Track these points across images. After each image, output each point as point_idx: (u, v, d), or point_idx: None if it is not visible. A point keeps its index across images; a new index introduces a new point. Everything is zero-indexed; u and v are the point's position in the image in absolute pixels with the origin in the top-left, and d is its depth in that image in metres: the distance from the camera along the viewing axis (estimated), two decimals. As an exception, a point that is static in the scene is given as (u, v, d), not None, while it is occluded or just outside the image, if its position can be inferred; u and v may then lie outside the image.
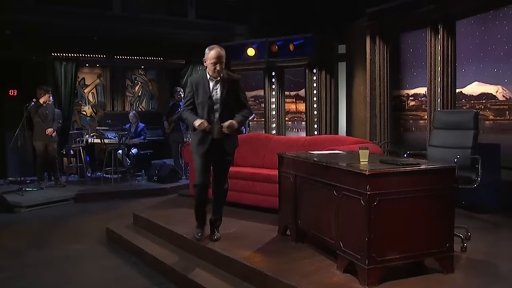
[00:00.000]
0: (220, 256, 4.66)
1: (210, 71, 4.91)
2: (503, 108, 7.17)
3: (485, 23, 7.40)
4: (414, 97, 9.03)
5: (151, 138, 11.79)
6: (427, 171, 3.78)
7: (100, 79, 12.94)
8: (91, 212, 8.12)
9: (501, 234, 5.31)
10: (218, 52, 4.89)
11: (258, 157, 7.05)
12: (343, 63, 11.33)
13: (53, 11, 11.01)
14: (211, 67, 4.88)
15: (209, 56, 4.88)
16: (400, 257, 3.68)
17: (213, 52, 4.88)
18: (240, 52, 12.34)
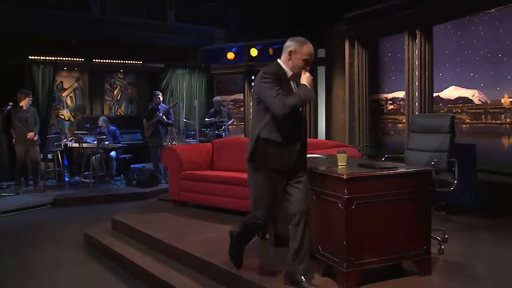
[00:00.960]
0: (199, 260, 4.64)
1: (296, 67, 3.91)
2: (479, 112, 7.28)
3: (462, 28, 7.51)
4: (392, 101, 9.12)
5: (130, 142, 11.71)
6: (404, 175, 3.81)
7: (79, 82, 12.82)
8: (69, 217, 8.03)
9: (477, 236, 5.39)
10: (312, 49, 3.97)
11: (238, 161, 7.01)
12: (322, 67, 11.40)
13: (31, 14, 10.88)
14: (300, 63, 3.89)
15: (302, 50, 3.89)
16: (378, 260, 3.70)
17: (308, 47, 3.92)
18: (220, 56, 12.38)
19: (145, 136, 10.89)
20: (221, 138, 9.73)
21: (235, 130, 12.41)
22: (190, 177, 6.88)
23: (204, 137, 10.66)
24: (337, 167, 3.97)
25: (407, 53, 8.25)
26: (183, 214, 6.63)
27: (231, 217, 6.14)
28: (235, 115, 12.26)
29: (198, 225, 5.97)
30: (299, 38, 4.00)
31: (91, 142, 10.35)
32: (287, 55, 3.94)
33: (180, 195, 7.03)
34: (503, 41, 6.78)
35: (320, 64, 11.49)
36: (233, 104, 12.74)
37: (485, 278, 4.00)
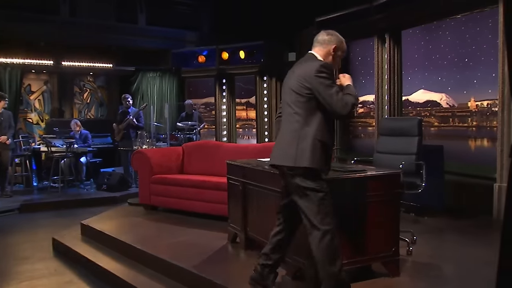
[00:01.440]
0: (170, 265, 4.61)
1: (336, 64, 3.73)
2: (446, 115, 7.41)
3: (429, 33, 7.64)
4: (362, 104, 9.21)
5: (100, 146, 11.57)
6: (372, 177, 3.86)
7: (47, 85, 12.62)
8: (36, 223, 7.88)
9: (445, 237, 5.47)
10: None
11: (208, 165, 7.03)
12: (293, 70, 11.43)
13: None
14: (339, 60, 3.76)
15: (343, 47, 3.76)
16: (347, 262, 3.72)
17: (345, 45, 3.80)
18: (191, 59, 12.35)
19: (115, 140, 10.79)
20: (192, 141, 9.70)
21: (206, 134, 12.38)
22: (161, 181, 6.84)
23: (175, 141, 10.60)
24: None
25: (376, 57, 8.35)
26: (154, 219, 6.58)
27: (201, 221, 6.14)
28: (206, 119, 12.23)
29: (168, 229, 5.93)
30: (337, 34, 3.76)
31: (60, 146, 10.20)
32: (330, 50, 3.65)
33: (151, 199, 6.98)
34: (469, 46, 6.92)
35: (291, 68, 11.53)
36: (205, 107, 12.72)
37: (453, 279, 4.07)
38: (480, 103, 6.86)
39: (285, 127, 3.52)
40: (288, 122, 3.50)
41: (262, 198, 4.39)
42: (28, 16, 11.13)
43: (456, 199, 6.60)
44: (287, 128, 3.49)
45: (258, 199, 4.49)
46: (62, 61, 11.99)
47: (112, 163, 11.48)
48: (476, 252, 4.76)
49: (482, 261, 4.35)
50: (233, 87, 12.22)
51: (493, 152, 6.29)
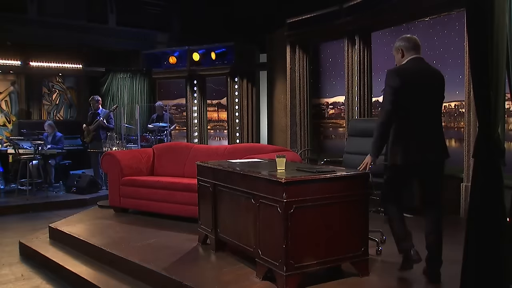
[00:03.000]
0: (140, 267, 4.57)
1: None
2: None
3: (399, 35, 7.65)
4: (333, 105, 9.28)
5: (70, 148, 11.41)
6: (341, 178, 3.88)
7: (14, 86, 12.39)
8: (3, 227, 7.72)
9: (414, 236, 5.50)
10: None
11: (178, 166, 6.99)
12: (264, 71, 11.50)
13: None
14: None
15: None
16: (317, 263, 3.74)
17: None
18: (162, 60, 12.30)
19: (85, 142, 10.66)
20: (163, 143, 9.64)
21: (178, 135, 12.32)
22: (131, 183, 6.78)
23: (146, 142, 10.53)
24: (276, 171, 4.00)
25: (347, 59, 8.42)
26: (124, 221, 6.52)
27: (171, 223, 6.10)
28: (177, 120, 12.18)
29: (139, 232, 5.87)
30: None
31: (28, 148, 10.02)
32: (401, 53, 4.03)
33: (121, 202, 6.91)
34: (437, 48, 7.03)
35: (262, 69, 11.59)
36: (176, 108, 12.65)
37: (421, 278, 4.11)
38: (447, 104, 6.96)
39: (429, 123, 3.88)
40: (431, 118, 3.90)
41: (233, 200, 4.38)
42: (-6, 15, 10.94)
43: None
44: (432, 123, 3.91)
45: (229, 200, 4.48)
46: (29, 61, 11.81)
47: (81, 165, 11.35)
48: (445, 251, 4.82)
49: (448, 259, 4.40)
50: (204, 88, 12.20)
51: (461, 153, 6.40)
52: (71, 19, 12.15)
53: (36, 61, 11.92)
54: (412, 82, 3.80)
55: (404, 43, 3.98)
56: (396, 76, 3.77)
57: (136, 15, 13.21)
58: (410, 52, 3.93)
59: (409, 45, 3.95)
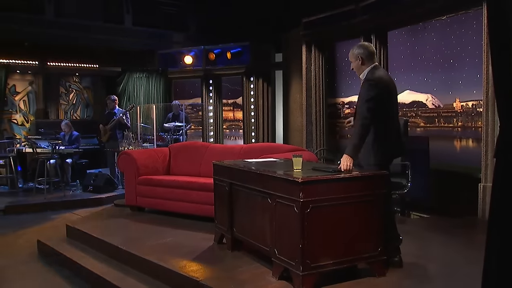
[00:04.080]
0: (156, 266, 4.59)
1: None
2: (432, 116, 7.46)
3: (415, 34, 7.68)
4: (349, 105, 9.24)
5: (87, 147, 11.50)
6: (358, 178, 3.87)
7: (32, 86, 12.51)
8: (21, 225, 7.80)
9: (431, 236, 5.49)
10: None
11: (194, 166, 7.02)
12: (279, 71, 11.49)
13: (-18, 15, 10.61)
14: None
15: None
16: (333, 263, 3.73)
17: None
18: (178, 60, 12.33)
19: (101, 141, 10.73)
20: (179, 142, 9.67)
21: (193, 135, 12.36)
22: (147, 182, 6.81)
23: (162, 142, 10.57)
24: (292, 171, 4.00)
25: (362, 58, 8.37)
26: (140, 220, 6.55)
27: (188, 222, 6.12)
28: (193, 120, 12.22)
29: (155, 231, 5.90)
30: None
31: (45, 147, 10.12)
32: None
33: (137, 201, 6.95)
34: (454, 47, 6.97)
35: (278, 68, 11.58)
36: (191, 108, 12.69)
37: (438, 278, 4.09)
38: (465, 103, 6.91)
39: (397, 125, 4.37)
40: (397, 120, 4.37)
41: (249, 199, 4.39)
42: (12, 16, 11.04)
43: (442, 199, 6.65)
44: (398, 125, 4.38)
45: (245, 200, 4.49)
46: (47, 62, 11.90)
47: (98, 164, 11.42)
48: (461, 251, 4.80)
49: (467, 260, 4.38)
50: (220, 87, 12.22)
51: (478, 153, 6.34)
52: (87, 20, 12.23)
53: (53, 61, 12.01)
54: (387, 91, 4.20)
55: (363, 50, 4.26)
56: (376, 87, 4.11)
57: (152, 15, 13.26)
58: (370, 59, 4.26)
59: (368, 52, 4.26)
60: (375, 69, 4.24)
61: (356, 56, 4.28)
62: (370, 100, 4.08)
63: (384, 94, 4.14)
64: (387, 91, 4.19)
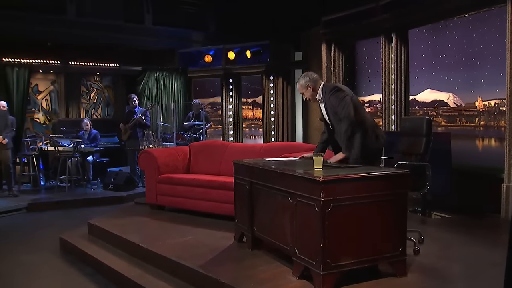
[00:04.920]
0: (176, 264, 4.61)
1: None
2: (454, 115, 7.38)
3: (436, 32, 7.61)
4: (369, 104, 9.19)
5: (107, 145, 11.61)
6: (379, 177, 3.84)
7: (54, 85, 12.68)
8: (44, 222, 7.92)
9: (452, 236, 5.43)
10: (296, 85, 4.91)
11: (214, 164, 7.03)
12: (299, 70, 11.46)
13: (5, 15, 10.73)
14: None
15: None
16: (354, 262, 3.71)
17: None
18: (197, 59, 12.38)
19: (122, 140, 10.82)
20: (198, 141, 9.70)
21: (213, 133, 12.39)
22: (167, 180, 6.84)
23: (182, 140, 10.62)
24: (313, 170, 3.99)
25: (383, 57, 8.33)
26: (160, 218, 6.59)
27: (207, 220, 6.14)
28: (212, 118, 12.25)
29: (175, 229, 5.93)
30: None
31: (67, 146, 10.23)
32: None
33: (157, 199, 6.99)
34: (476, 45, 6.89)
35: (298, 67, 11.55)
36: (211, 107, 12.73)
37: (459, 279, 4.05)
38: (487, 102, 6.83)
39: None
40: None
41: (270, 198, 4.38)
42: (35, 16, 11.18)
43: (464, 199, 6.57)
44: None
45: (265, 198, 4.48)
46: (69, 61, 12.04)
47: (118, 162, 11.52)
48: (483, 252, 4.74)
49: (489, 261, 4.33)
50: (240, 86, 12.24)
51: (501, 152, 6.26)
52: (108, 20, 12.33)
53: (75, 61, 12.15)
54: (347, 89, 4.66)
55: (307, 78, 4.67)
56: (339, 90, 4.57)
57: (172, 14, 13.32)
58: (318, 81, 4.67)
59: (314, 77, 4.66)
60: (326, 85, 4.69)
61: (306, 87, 4.66)
62: (346, 101, 4.49)
63: (347, 91, 4.59)
64: (346, 88, 4.66)
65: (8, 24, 10.76)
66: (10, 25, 10.78)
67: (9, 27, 10.77)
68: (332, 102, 4.57)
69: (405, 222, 3.95)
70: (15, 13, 10.85)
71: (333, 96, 4.55)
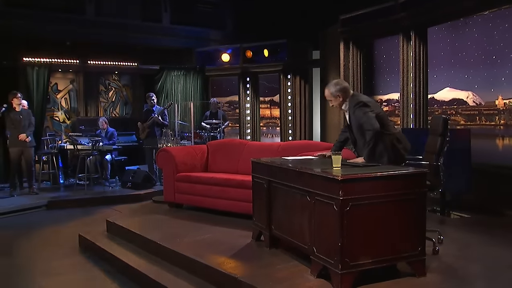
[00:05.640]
0: (194, 262, 4.63)
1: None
2: (473, 114, 7.30)
3: (456, 30, 7.53)
4: (387, 102, 9.13)
5: (125, 144, 11.69)
6: (398, 176, 3.82)
7: (73, 84, 12.80)
8: (63, 220, 7.99)
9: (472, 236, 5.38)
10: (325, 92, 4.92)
11: (232, 163, 7.04)
12: (317, 68, 11.44)
13: (25, 15, 10.87)
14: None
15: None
16: (372, 262, 3.70)
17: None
18: (215, 57, 12.42)
19: (140, 138, 10.89)
20: (216, 140, 9.73)
21: (230, 132, 12.42)
22: (185, 179, 6.87)
23: (199, 139, 10.65)
24: (331, 169, 3.98)
25: (401, 55, 8.27)
26: (178, 216, 6.62)
27: (225, 219, 6.16)
28: (230, 117, 12.28)
29: (193, 227, 5.95)
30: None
31: (86, 144, 10.32)
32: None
33: (175, 197, 7.02)
34: (497, 43, 6.81)
35: (315, 66, 11.53)
36: (228, 105, 12.75)
37: (479, 280, 4.01)
38: (508, 101, 6.74)
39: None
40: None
41: (288, 197, 4.38)
42: (54, 16, 11.31)
43: (483, 198, 6.51)
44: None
45: (284, 197, 4.48)
46: (87, 60, 12.14)
47: (136, 161, 11.59)
48: (503, 253, 4.69)
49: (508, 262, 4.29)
50: (257, 85, 12.25)
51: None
52: (126, 19, 12.43)
53: (93, 60, 12.25)
54: (373, 104, 4.74)
55: (339, 87, 4.72)
56: (371, 106, 4.61)
57: (189, 13, 13.38)
58: (348, 92, 4.73)
59: (345, 87, 4.74)
60: (353, 97, 4.72)
61: (336, 96, 4.73)
62: (369, 114, 4.53)
63: (373, 107, 4.62)
64: (373, 104, 4.70)
65: (29, 24, 10.90)
66: (30, 24, 10.92)
67: (29, 27, 10.91)
68: (356, 115, 4.64)
69: (424, 222, 3.93)
70: (35, 12, 10.99)
71: (358, 110, 4.61)
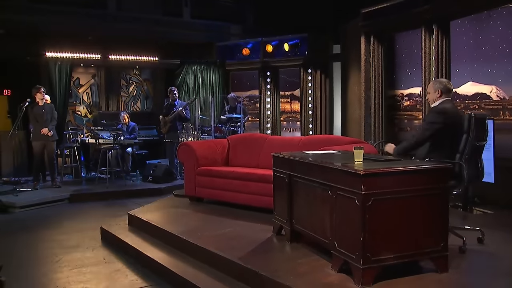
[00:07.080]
0: (215, 256, 4.66)
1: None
2: (497, 108, 7.20)
3: (479, 23, 7.42)
4: (408, 97, 9.05)
5: (146, 138, 11.77)
6: (421, 171, 3.79)
7: (95, 79, 12.91)
8: (85, 212, 8.10)
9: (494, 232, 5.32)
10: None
11: (253, 157, 7.06)
12: (338, 63, 11.37)
13: (48, 10, 11.00)
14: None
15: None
16: (394, 257, 3.68)
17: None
18: (235, 52, 12.42)
19: (161, 132, 10.95)
20: (236, 134, 9.74)
21: (250, 126, 12.42)
22: (206, 173, 6.91)
23: (220, 133, 10.68)
24: (353, 163, 3.96)
25: (423, 49, 8.18)
26: (199, 210, 6.66)
27: (246, 213, 6.18)
28: (250, 111, 12.29)
29: (214, 221, 5.99)
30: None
31: (107, 138, 10.42)
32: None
33: (196, 191, 7.06)
34: (522, 37, 6.70)
35: (336, 60, 11.47)
36: (249, 100, 12.75)
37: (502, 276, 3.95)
38: (530, 96, 6.64)
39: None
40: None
41: (309, 191, 4.38)
42: (75, 11, 11.43)
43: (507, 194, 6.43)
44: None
45: (305, 191, 4.48)
46: (109, 55, 12.22)
47: (157, 155, 11.67)
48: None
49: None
50: (277, 79, 12.22)
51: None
52: (147, 13, 12.48)
53: (115, 55, 12.32)
54: (450, 122, 4.69)
55: (442, 86, 4.88)
56: (440, 116, 4.69)
57: (210, 8, 13.40)
58: (446, 94, 4.86)
59: (446, 88, 4.87)
60: (443, 101, 4.83)
61: (436, 90, 4.88)
62: (429, 126, 4.70)
63: (444, 124, 4.66)
64: (450, 122, 4.68)
65: (51, 19, 11.02)
66: (52, 19, 11.03)
67: (51, 22, 11.02)
68: (427, 116, 4.94)
69: (447, 217, 3.89)
70: (56, 7, 11.11)
71: (431, 114, 4.81)
